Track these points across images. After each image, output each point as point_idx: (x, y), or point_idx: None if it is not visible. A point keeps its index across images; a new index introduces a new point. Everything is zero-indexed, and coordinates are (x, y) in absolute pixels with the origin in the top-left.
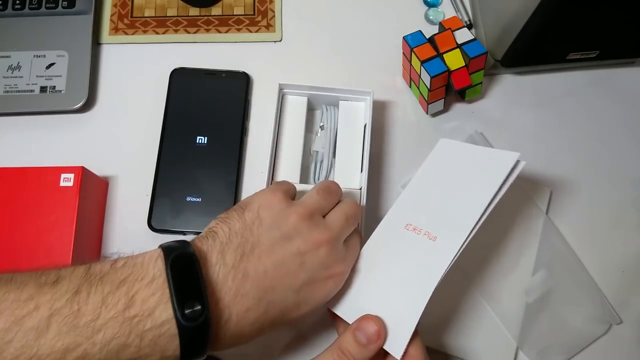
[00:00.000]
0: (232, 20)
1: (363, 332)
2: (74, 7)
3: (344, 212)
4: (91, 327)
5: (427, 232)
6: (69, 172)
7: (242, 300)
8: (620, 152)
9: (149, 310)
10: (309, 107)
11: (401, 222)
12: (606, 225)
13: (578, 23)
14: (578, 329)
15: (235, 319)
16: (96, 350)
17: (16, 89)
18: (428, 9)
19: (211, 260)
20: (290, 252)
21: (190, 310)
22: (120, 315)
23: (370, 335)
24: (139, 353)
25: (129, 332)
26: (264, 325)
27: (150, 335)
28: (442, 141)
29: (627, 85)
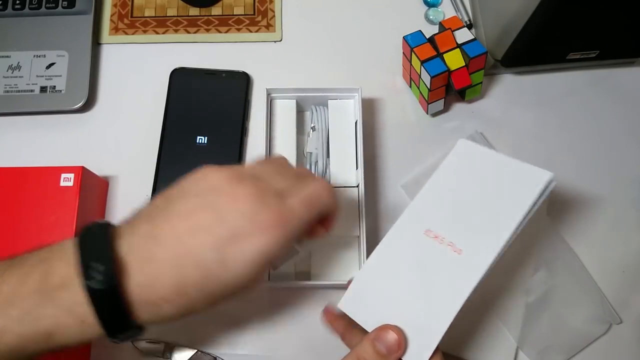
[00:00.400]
0: (232, 20)
1: (383, 342)
2: (74, 7)
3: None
4: (8, 302)
5: (450, 243)
6: (69, 172)
7: (154, 265)
8: (621, 152)
9: (63, 280)
10: (298, 109)
11: (420, 226)
12: (606, 225)
13: (578, 23)
14: (578, 329)
15: (151, 284)
16: (14, 323)
17: (16, 89)
18: (428, 9)
19: (122, 230)
20: (202, 207)
21: (95, 272)
22: (38, 290)
23: (391, 345)
24: (57, 324)
25: (45, 303)
26: (188, 290)
27: (66, 303)
28: (462, 142)
29: (627, 85)
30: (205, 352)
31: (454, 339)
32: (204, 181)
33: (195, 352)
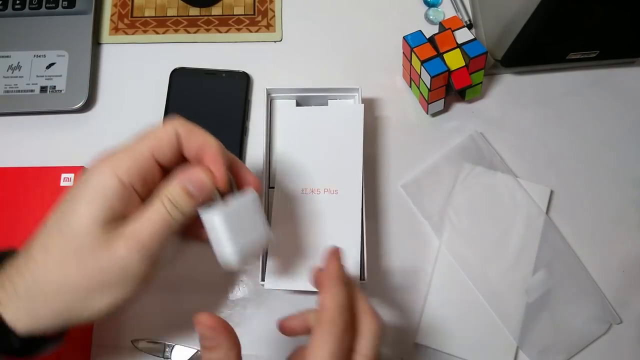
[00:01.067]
0: (232, 20)
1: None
2: (74, 7)
3: None
4: None
5: (326, 189)
6: (69, 172)
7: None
8: (621, 151)
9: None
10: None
11: (296, 190)
12: (606, 225)
13: (578, 23)
14: (578, 328)
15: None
16: None
17: (16, 89)
18: (428, 9)
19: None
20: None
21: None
22: None
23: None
24: None
25: None
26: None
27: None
28: (279, 103)
29: (627, 85)
30: None
31: (454, 339)
32: None
33: (195, 352)
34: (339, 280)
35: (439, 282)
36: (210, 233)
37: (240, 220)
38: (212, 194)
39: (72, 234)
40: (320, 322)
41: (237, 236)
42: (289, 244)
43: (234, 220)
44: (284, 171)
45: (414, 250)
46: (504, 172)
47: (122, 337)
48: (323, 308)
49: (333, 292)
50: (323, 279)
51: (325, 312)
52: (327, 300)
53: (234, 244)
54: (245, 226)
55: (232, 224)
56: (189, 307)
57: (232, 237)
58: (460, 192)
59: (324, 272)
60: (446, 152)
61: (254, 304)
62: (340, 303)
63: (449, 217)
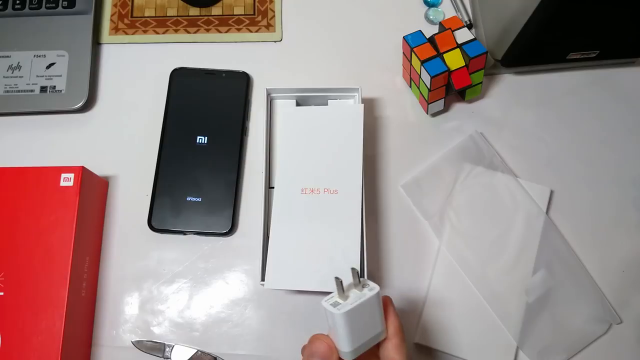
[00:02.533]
0: (232, 20)
1: (316, 355)
2: (74, 7)
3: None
4: None
5: (326, 189)
6: (69, 172)
7: None
8: (621, 151)
9: None
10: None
11: (295, 190)
12: (606, 225)
13: (578, 23)
14: (578, 329)
15: None
16: None
17: (16, 89)
18: (428, 9)
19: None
20: None
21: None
22: None
23: (324, 354)
24: None
25: None
26: None
27: None
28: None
29: (627, 85)
30: (205, 352)
31: (454, 339)
32: None
33: (195, 352)
34: (403, 335)
35: (439, 282)
36: (330, 325)
37: (360, 318)
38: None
39: None
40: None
41: (355, 333)
42: (289, 244)
43: (354, 318)
44: (284, 171)
45: (414, 250)
46: (504, 172)
47: (122, 337)
48: (396, 327)
49: (403, 349)
50: (390, 332)
51: (399, 330)
52: (398, 356)
53: (351, 343)
54: (364, 323)
55: (353, 322)
56: (189, 307)
57: (351, 335)
58: (460, 192)
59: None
60: (446, 152)
61: (254, 304)
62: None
63: (449, 217)
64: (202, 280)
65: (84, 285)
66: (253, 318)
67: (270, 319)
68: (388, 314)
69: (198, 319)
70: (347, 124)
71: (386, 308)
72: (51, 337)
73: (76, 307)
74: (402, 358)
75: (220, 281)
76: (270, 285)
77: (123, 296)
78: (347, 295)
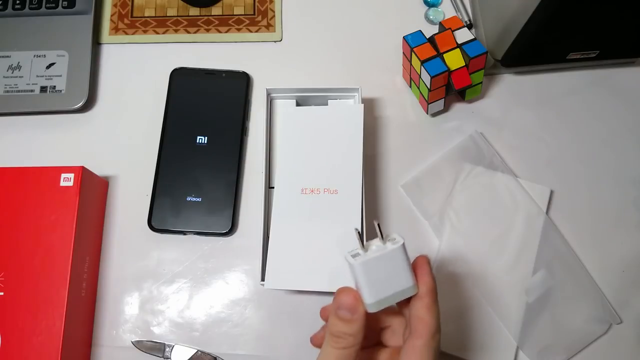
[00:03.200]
0: (232, 20)
1: (343, 307)
2: (74, 7)
3: None
4: None
5: (326, 189)
6: (69, 172)
7: None
8: (621, 151)
9: None
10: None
11: (296, 189)
12: (606, 225)
13: (578, 23)
14: (578, 328)
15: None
16: None
17: (16, 89)
18: (428, 9)
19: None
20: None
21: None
22: None
23: (350, 305)
24: None
25: None
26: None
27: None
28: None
29: (627, 85)
30: (205, 352)
31: (454, 339)
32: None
33: (195, 352)
34: (436, 295)
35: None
36: (353, 277)
37: (382, 270)
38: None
39: None
40: (421, 336)
41: (377, 285)
42: (289, 243)
43: (375, 270)
44: (284, 171)
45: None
46: (504, 172)
47: (122, 337)
48: (424, 323)
49: (435, 309)
50: (422, 291)
51: (427, 326)
52: (429, 317)
53: (373, 295)
54: (387, 276)
55: (373, 273)
56: (189, 307)
57: (371, 286)
58: (460, 192)
59: (423, 284)
60: (446, 152)
61: (254, 304)
62: (439, 319)
63: (449, 217)
64: (202, 280)
65: (84, 285)
66: (253, 318)
67: (270, 319)
68: (422, 272)
69: (198, 319)
70: (347, 124)
71: (421, 266)
72: (51, 337)
73: (76, 307)
74: (432, 319)
75: (220, 281)
76: (270, 285)
77: (123, 296)
78: (370, 248)
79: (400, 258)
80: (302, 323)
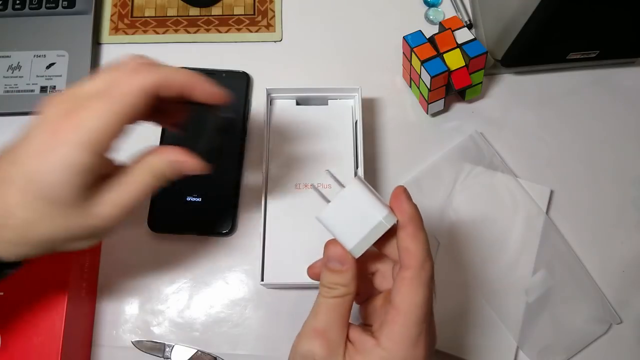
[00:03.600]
0: (232, 20)
1: (332, 259)
2: (74, 7)
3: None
4: None
5: (319, 184)
6: None
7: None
8: (620, 151)
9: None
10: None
11: (289, 186)
12: (606, 225)
13: (578, 23)
14: (578, 328)
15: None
16: None
17: (16, 89)
18: (428, 9)
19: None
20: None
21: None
22: None
23: (339, 256)
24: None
25: None
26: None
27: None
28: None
29: (627, 85)
30: (205, 352)
31: (454, 339)
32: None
33: (195, 352)
34: (421, 222)
35: (438, 282)
36: (331, 233)
37: (347, 212)
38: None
39: (54, 200)
40: (408, 267)
41: (348, 230)
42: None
43: (340, 214)
44: (283, 171)
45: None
46: (504, 172)
47: (122, 337)
48: (409, 253)
49: (420, 237)
50: (403, 220)
51: (414, 256)
52: (414, 245)
53: (349, 240)
54: (354, 216)
55: (339, 219)
56: (189, 307)
57: (344, 233)
58: (460, 192)
59: (401, 213)
60: (446, 152)
61: (253, 304)
62: (426, 247)
63: (449, 217)
64: (202, 280)
65: (84, 285)
66: (253, 318)
67: (270, 319)
68: (399, 201)
69: (198, 319)
70: (347, 123)
71: (397, 196)
72: (51, 337)
73: (76, 307)
74: (418, 247)
75: (220, 281)
76: (269, 280)
77: (123, 296)
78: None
79: (360, 192)
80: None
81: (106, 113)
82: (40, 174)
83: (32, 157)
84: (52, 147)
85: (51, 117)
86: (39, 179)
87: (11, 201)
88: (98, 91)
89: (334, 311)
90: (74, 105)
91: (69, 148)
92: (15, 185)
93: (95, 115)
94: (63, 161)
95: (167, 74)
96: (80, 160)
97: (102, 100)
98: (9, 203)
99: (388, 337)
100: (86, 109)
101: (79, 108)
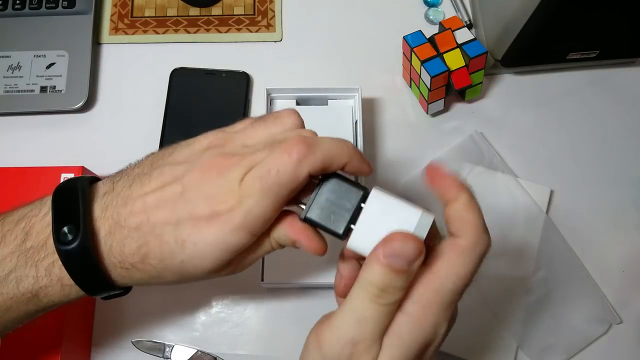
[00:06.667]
0: (232, 20)
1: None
2: (74, 7)
3: (270, 135)
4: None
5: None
6: (69, 172)
7: (123, 231)
8: (620, 151)
9: (41, 241)
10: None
11: None
12: (606, 225)
13: (578, 23)
14: (578, 329)
15: (119, 249)
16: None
17: (16, 89)
18: (428, 9)
19: (100, 189)
20: (173, 178)
21: (67, 235)
22: (17, 249)
23: (413, 253)
24: (38, 284)
25: (25, 263)
26: (150, 261)
27: (44, 264)
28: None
29: (627, 85)
30: (205, 352)
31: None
32: (189, 147)
33: (195, 352)
34: (473, 196)
35: None
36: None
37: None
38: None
39: (189, 270)
40: (465, 235)
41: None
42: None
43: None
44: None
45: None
46: (504, 172)
47: (122, 337)
48: (465, 222)
49: (476, 206)
50: (451, 194)
51: (472, 227)
52: (470, 215)
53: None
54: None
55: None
56: (189, 307)
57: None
58: None
59: (448, 187)
60: (446, 152)
61: (254, 303)
62: (483, 219)
63: None
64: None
65: None
66: (253, 318)
67: (270, 319)
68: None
69: (198, 319)
70: (347, 123)
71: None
72: (51, 337)
73: (76, 307)
74: (475, 216)
75: (220, 281)
76: (269, 280)
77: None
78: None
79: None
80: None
81: (271, 202)
82: (188, 245)
83: (185, 220)
84: (209, 221)
85: (204, 164)
86: (185, 251)
87: (131, 250)
88: (257, 153)
89: (387, 320)
90: (231, 159)
91: (229, 230)
92: (154, 241)
93: (258, 203)
94: (218, 241)
95: (333, 156)
96: (238, 242)
97: (266, 181)
98: (126, 253)
99: (414, 299)
100: (248, 188)
101: (239, 169)
